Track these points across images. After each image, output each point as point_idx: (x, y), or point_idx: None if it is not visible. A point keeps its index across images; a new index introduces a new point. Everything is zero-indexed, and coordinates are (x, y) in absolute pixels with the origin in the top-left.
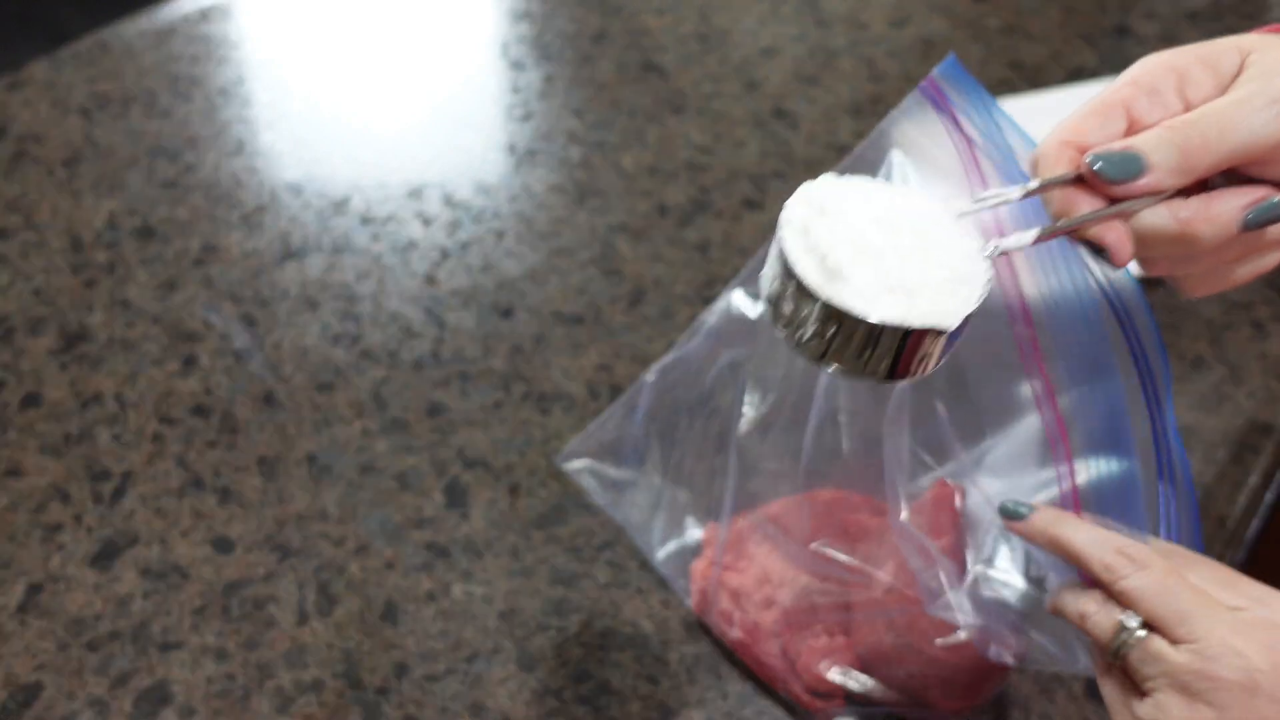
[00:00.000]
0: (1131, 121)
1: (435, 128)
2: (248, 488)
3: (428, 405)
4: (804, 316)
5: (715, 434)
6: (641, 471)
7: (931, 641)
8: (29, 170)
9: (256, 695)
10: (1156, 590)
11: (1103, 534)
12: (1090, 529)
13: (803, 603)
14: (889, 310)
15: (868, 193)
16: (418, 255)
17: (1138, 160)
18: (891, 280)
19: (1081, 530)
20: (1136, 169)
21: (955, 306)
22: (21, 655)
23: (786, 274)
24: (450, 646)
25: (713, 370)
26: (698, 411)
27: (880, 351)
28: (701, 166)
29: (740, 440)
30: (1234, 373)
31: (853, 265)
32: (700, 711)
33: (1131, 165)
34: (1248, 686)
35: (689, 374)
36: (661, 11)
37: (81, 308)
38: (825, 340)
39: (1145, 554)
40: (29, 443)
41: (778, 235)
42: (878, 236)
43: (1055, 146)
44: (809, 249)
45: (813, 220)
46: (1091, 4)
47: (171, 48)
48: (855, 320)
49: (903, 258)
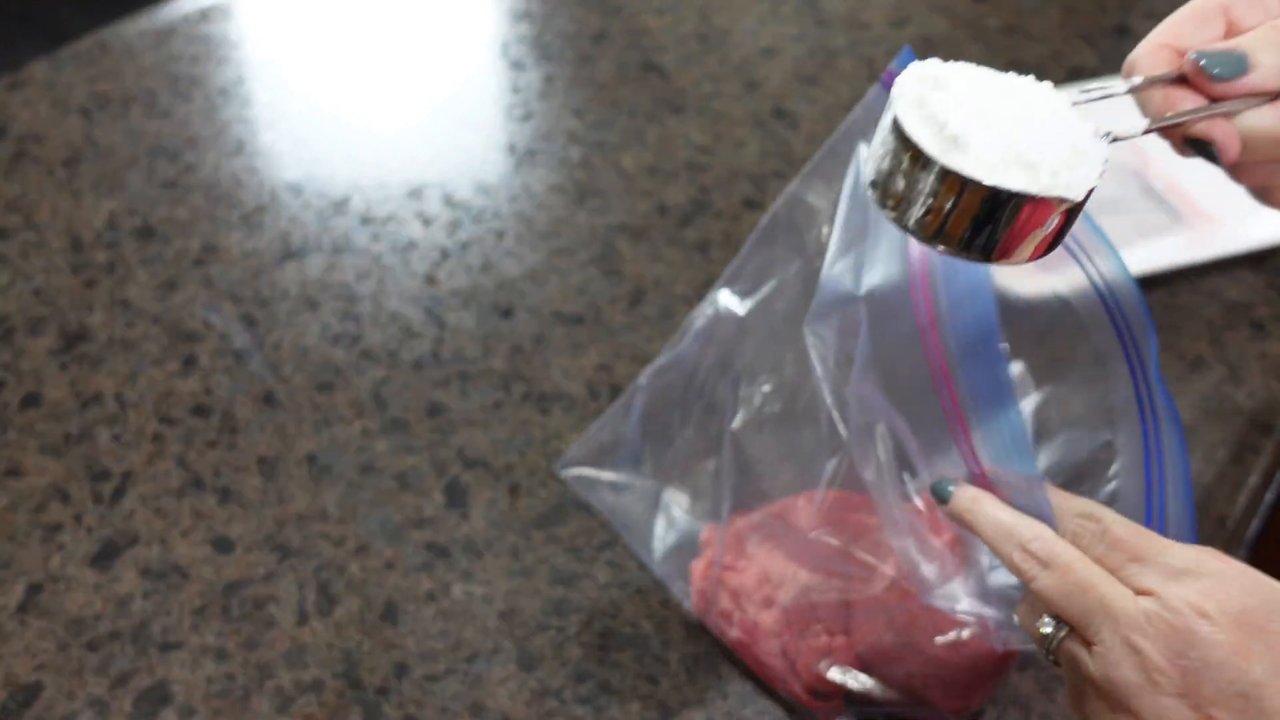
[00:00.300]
0: (1229, 25)
1: (435, 128)
2: (248, 488)
3: (428, 405)
4: (919, 190)
5: (710, 434)
6: (638, 475)
7: (931, 640)
8: (29, 170)
9: (256, 695)
10: (1061, 592)
11: (1008, 525)
12: (996, 518)
13: (802, 602)
14: (1012, 179)
15: (979, 74)
16: (418, 255)
17: (1242, 59)
18: (1012, 152)
19: (989, 519)
20: (1241, 67)
21: (1077, 180)
22: (21, 655)
23: (901, 146)
24: (450, 646)
25: (704, 371)
26: (691, 412)
27: (998, 225)
28: (701, 166)
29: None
30: (1234, 373)
31: (973, 135)
32: (700, 711)
33: (1236, 64)
34: (1149, 688)
35: (681, 376)
36: (661, 11)
37: (81, 308)
38: (941, 214)
39: (1049, 548)
40: (29, 443)
41: (889, 110)
42: (997, 110)
43: (1152, 48)
44: (925, 120)
45: (928, 94)
46: (1091, 4)
47: (171, 48)
48: (977, 188)
49: (1022, 132)
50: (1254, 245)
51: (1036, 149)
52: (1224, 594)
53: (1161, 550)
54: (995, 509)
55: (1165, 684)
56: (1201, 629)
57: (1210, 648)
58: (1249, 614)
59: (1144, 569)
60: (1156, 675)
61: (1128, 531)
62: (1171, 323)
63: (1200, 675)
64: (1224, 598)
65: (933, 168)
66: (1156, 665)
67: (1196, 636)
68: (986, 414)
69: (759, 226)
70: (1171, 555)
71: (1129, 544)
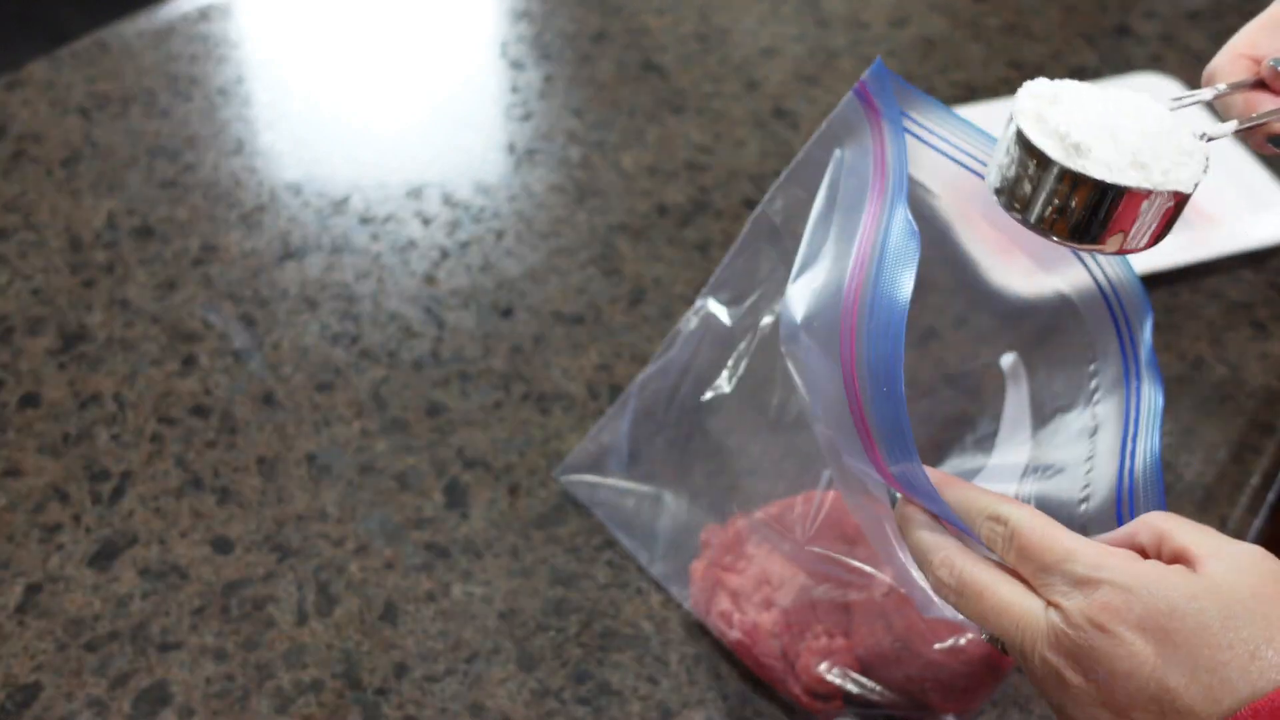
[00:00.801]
0: None
1: (435, 128)
2: (247, 488)
3: (427, 405)
4: (1048, 192)
5: (709, 438)
6: (635, 479)
7: (930, 645)
8: (28, 170)
9: (256, 696)
10: (978, 617)
11: (923, 548)
12: (917, 540)
13: (802, 603)
14: (1130, 178)
15: (1086, 89)
16: (417, 255)
17: None
18: (1127, 155)
19: (912, 542)
20: None
21: (1186, 176)
22: (20, 656)
23: (1026, 155)
24: (450, 647)
25: (694, 377)
26: (685, 417)
27: (1118, 219)
28: (701, 166)
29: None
30: (1234, 373)
31: (1092, 142)
32: (700, 711)
33: None
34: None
35: (672, 381)
36: (661, 11)
37: (80, 307)
38: (1066, 214)
39: (959, 575)
40: (27, 443)
41: (1011, 125)
42: (1108, 120)
43: (1229, 59)
44: (1046, 134)
45: (1045, 109)
46: (1092, 3)
47: (171, 47)
48: (1102, 186)
49: (1133, 137)
50: (1254, 245)
51: (1147, 151)
52: (1122, 601)
53: (1064, 557)
54: (918, 530)
55: (1085, 697)
56: (1100, 644)
57: (1113, 660)
58: (1151, 618)
59: (1050, 578)
60: (1075, 690)
61: (1034, 536)
62: (1171, 323)
63: (1111, 686)
64: (1122, 605)
65: (1060, 173)
66: (1072, 681)
67: (1098, 651)
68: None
69: (741, 234)
70: (1073, 562)
71: (1035, 551)
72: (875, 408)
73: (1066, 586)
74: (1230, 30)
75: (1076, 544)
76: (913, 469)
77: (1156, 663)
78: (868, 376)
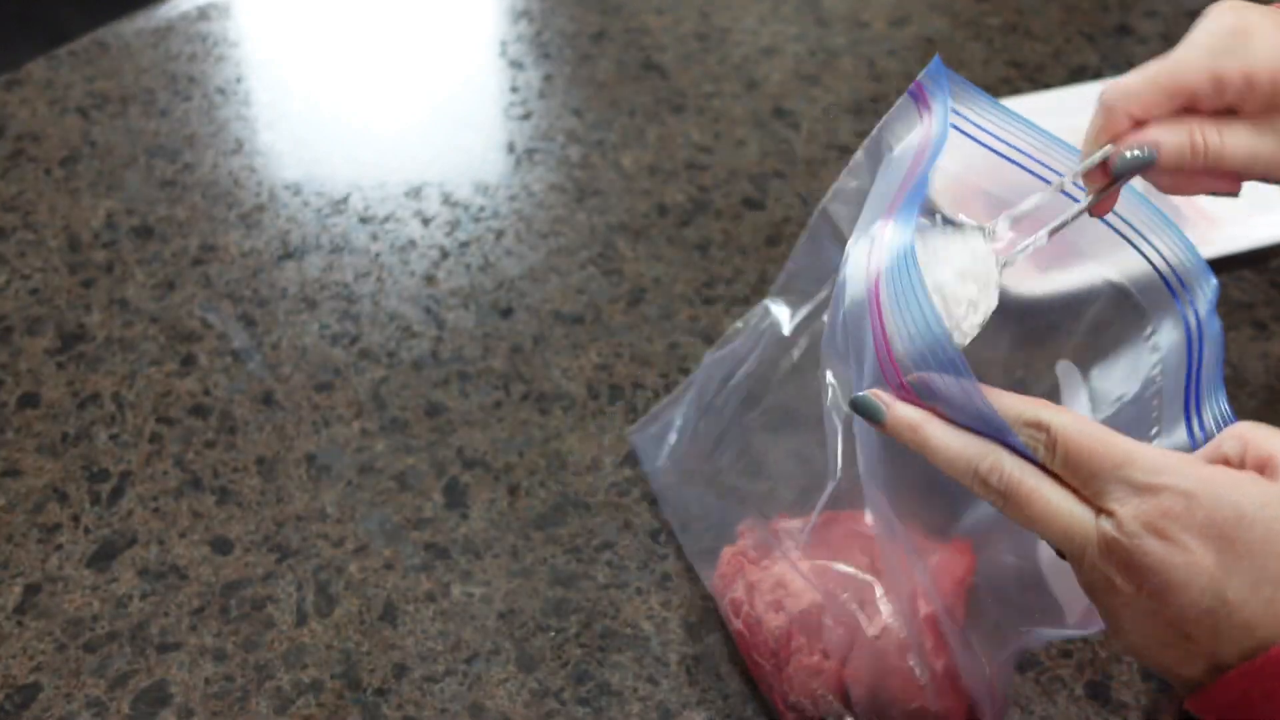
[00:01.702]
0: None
1: (435, 127)
2: (246, 488)
3: (427, 405)
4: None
5: (755, 436)
6: (691, 458)
7: (905, 703)
8: (26, 170)
9: (255, 696)
10: (1025, 522)
11: (959, 452)
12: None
13: (810, 619)
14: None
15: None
16: (417, 255)
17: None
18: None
19: (940, 445)
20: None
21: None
22: (19, 656)
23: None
24: (449, 647)
25: (757, 372)
26: (738, 411)
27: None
28: (701, 166)
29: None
30: (1235, 373)
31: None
32: (700, 711)
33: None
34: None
35: (734, 368)
36: (661, 11)
37: (79, 307)
38: None
39: (1005, 479)
40: (26, 443)
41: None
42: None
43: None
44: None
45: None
46: (1093, 3)
47: (170, 46)
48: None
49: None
50: (1255, 245)
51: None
52: (1184, 507)
53: (1122, 461)
54: (944, 433)
55: (1138, 607)
56: (1156, 550)
57: (1168, 570)
58: (1216, 526)
59: (1104, 484)
60: (1129, 599)
61: (1084, 441)
62: None
63: (1164, 597)
64: (1183, 511)
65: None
66: (1125, 590)
67: (1152, 559)
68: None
69: (801, 238)
70: (1130, 467)
71: (1086, 457)
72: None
73: (1122, 494)
74: None
75: (1134, 447)
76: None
77: (1216, 573)
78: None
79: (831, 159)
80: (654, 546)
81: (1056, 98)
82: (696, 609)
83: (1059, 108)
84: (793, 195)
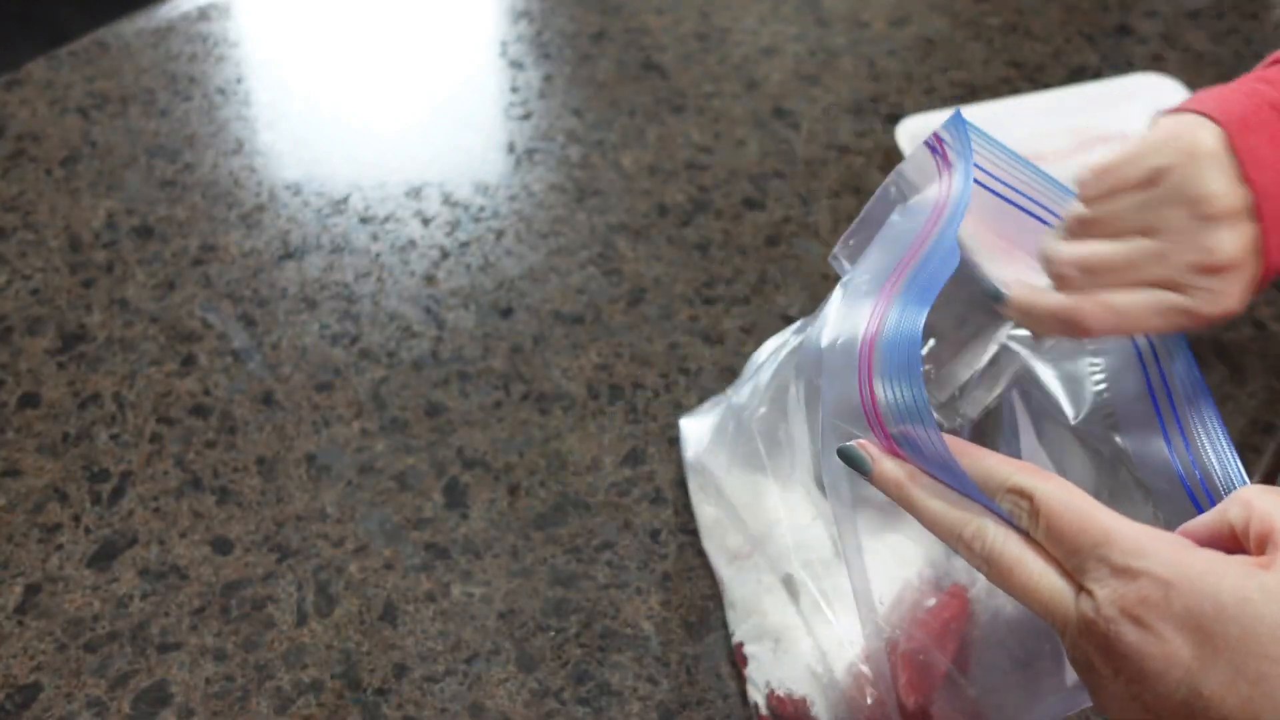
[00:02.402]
0: None
1: (435, 127)
2: (246, 488)
3: (427, 405)
4: None
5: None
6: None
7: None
8: (27, 170)
9: (255, 696)
10: (1007, 590)
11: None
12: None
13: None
14: None
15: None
16: (417, 255)
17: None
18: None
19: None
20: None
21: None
22: (20, 656)
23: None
24: (449, 647)
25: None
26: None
27: None
28: (701, 166)
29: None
30: (1235, 373)
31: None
32: (700, 711)
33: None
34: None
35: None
36: (661, 11)
37: (80, 307)
38: None
39: (988, 547)
40: (27, 443)
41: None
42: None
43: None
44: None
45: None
46: (1093, 3)
47: (170, 46)
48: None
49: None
50: None
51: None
52: (1161, 595)
53: (1100, 540)
54: (929, 495)
55: (1116, 689)
56: (1131, 638)
57: (1143, 658)
58: (1194, 618)
59: (1083, 562)
60: (1108, 680)
61: (1066, 515)
62: None
63: (1141, 684)
64: (1160, 600)
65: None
66: (1102, 672)
67: (1128, 646)
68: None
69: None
70: (1109, 548)
71: (1067, 533)
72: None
73: (1102, 573)
74: (1230, 31)
75: (1114, 525)
76: (924, 431)
77: (1192, 665)
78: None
79: (831, 159)
80: (654, 546)
81: (1056, 98)
82: (696, 609)
83: (1059, 108)
84: (793, 195)
